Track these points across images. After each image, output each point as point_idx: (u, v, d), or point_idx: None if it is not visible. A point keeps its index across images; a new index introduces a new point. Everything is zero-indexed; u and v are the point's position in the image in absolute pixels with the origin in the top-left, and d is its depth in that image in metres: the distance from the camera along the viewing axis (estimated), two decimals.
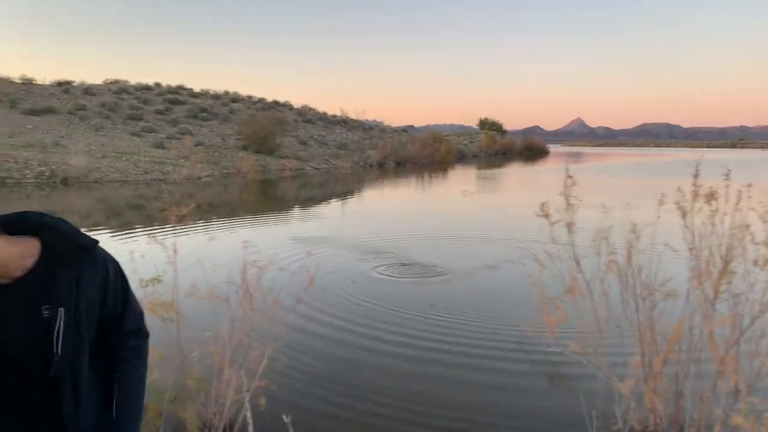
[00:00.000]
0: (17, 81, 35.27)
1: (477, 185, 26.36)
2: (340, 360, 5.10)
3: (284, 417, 1.45)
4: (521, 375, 4.86)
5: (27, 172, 20.16)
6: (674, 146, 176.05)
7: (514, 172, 38.24)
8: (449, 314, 6.38)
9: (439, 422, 4.03)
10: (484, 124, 79.56)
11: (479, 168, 40.36)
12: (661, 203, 3.50)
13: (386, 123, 56.53)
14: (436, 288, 7.56)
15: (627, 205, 5.07)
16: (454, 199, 19.39)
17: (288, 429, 1.45)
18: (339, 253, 9.59)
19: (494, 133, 69.43)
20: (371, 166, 36.41)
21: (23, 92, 32.67)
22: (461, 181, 29.73)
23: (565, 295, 3.57)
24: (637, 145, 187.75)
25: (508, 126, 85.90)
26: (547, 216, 3.72)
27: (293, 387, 4.41)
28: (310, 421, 3.89)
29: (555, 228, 3.70)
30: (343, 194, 21.84)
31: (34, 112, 29.29)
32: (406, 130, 57.78)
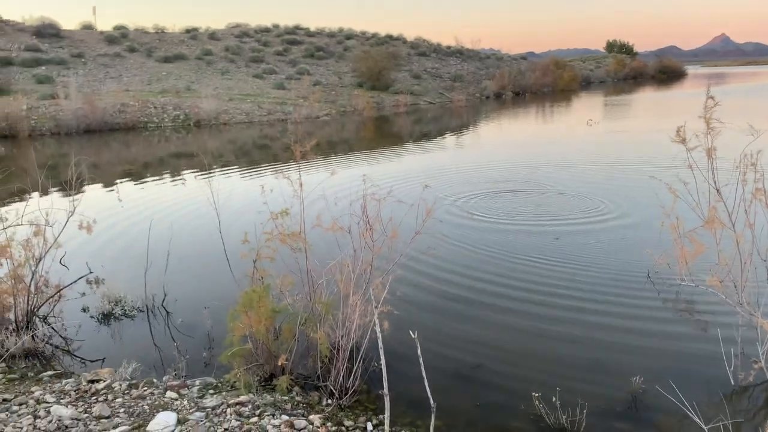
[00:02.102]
0: (151, 31, 37.71)
1: (603, 113, 24.67)
2: (457, 291, 5.17)
3: (411, 333, 1.51)
4: (652, 311, 4.65)
5: (165, 116, 21.85)
6: None
7: (646, 97, 35.27)
8: (574, 249, 6.19)
9: (572, 361, 4.00)
10: (611, 46, 73.31)
11: (606, 95, 37.62)
12: None
13: (504, 51, 54.04)
14: (560, 221, 7.33)
15: None
16: (578, 129, 18.36)
17: (416, 344, 1.51)
18: (456, 186, 9.55)
19: (623, 56, 63.94)
20: (488, 97, 35.30)
21: (157, 41, 34.96)
22: (586, 109, 27.97)
23: (704, 227, 3.31)
24: None
25: (639, 47, 78.67)
26: (683, 141, 3.42)
27: (412, 314, 4.56)
28: (432, 348, 4.01)
29: (692, 154, 3.40)
30: (459, 128, 21.48)
31: (167, 59, 31.35)
32: (525, 57, 54.73)
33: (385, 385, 1.57)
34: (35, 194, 8.48)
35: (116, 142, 17.96)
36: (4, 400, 3.30)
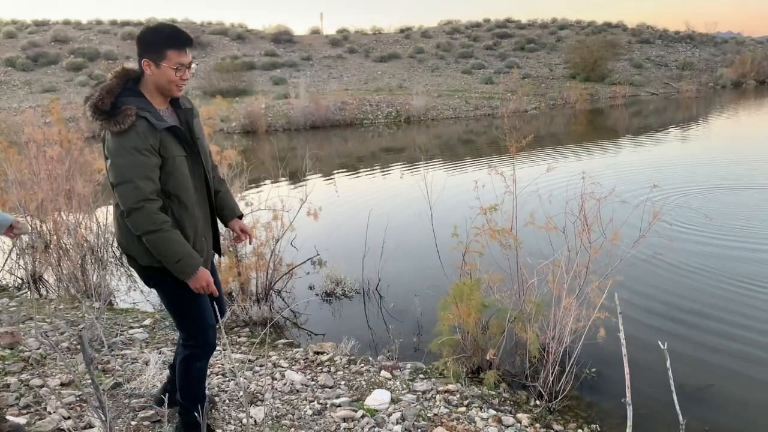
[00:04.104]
0: (369, 32, 40.33)
1: None
2: (685, 302, 4.68)
3: (660, 343, 1.40)
4: None
5: (378, 113, 23.23)
6: None
7: None
8: None
9: None
10: None
11: None
12: None
13: (745, 34, 47.20)
14: None
15: None
16: None
17: (665, 356, 1.41)
18: (688, 186, 8.61)
19: None
20: (723, 87, 31.14)
21: (374, 42, 37.28)
22: None
23: None
24: None
25: None
26: None
27: (631, 322, 4.24)
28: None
29: None
30: (686, 121, 19.31)
31: (382, 59, 33.28)
32: None
33: (628, 393, 1.49)
34: (269, 182, 9.65)
35: (336, 137, 19.62)
36: (249, 360, 3.83)
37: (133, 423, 2.86)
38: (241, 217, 2.81)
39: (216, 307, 2.54)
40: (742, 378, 3.58)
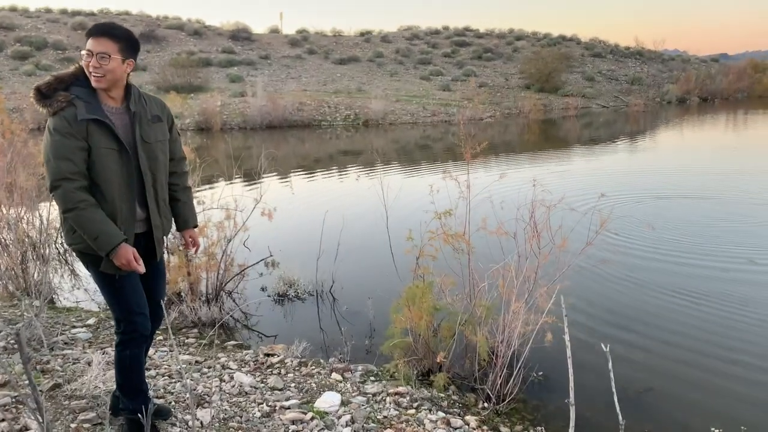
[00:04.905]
0: (329, 34, 40.26)
1: None
2: (628, 309, 4.85)
3: (603, 345, 1.45)
4: None
5: (337, 115, 23.21)
6: None
7: None
8: None
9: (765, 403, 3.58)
10: None
11: None
12: None
13: (690, 53, 49.27)
14: (757, 242, 6.54)
15: None
16: None
17: (608, 357, 1.45)
18: (635, 196, 8.92)
19: None
20: (669, 102, 32.48)
21: (334, 43, 37.25)
22: None
23: None
24: None
25: None
26: None
27: (576, 327, 4.36)
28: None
29: None
30: (634, 134, 20.02)
31: (342, 61, 33.27)
32: (717, 59, 49.34)
33: (571, 394, 1.53)
34: (222, 181, 9.50)
35: (293, 138, 19.47)
36: (197, 362, 3.75)
37: (72, 425, 2.76)
38: (195, 227, 2.88)
39: (154, 308, 2.60)
40: (679, 381, 3.73)
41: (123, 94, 2.45)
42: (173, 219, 2.77)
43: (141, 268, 2.41)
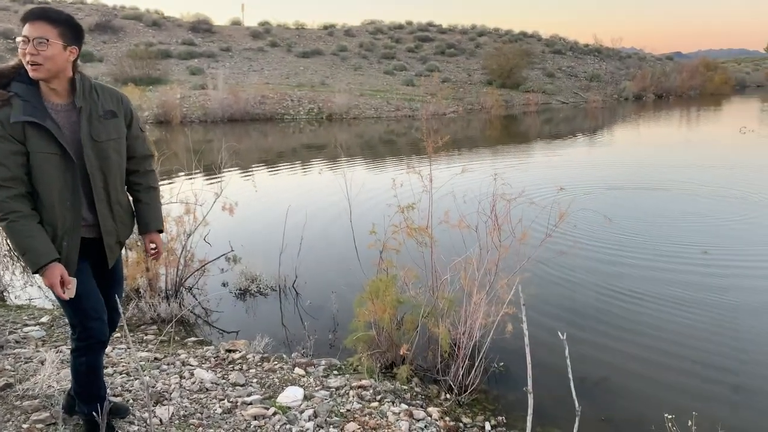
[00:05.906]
0: (292, 27, 39.83)
1: (761, 121, 22.31)
2: (587, 299, 4.97)
3: (560, 333, 1.48)
4: None
5: (300, 109, 23.01)
6: None
7: None
8: (726, 262, 5.71)
9: (715, 387, 3.72)
10: None
11: (765, 101, 33.95)
12: None
13: (647, 51, 50.58)
14: (710, 233, 6.78)
15: None
16: (731, 138, 16.77)
17: (564, 345, 1.48)
18: (592, 190, 9.13)
19: None
20: (626, 99, 33.31)
21: (297, 36, 36.86)
22: (739, 116, 25.46)
23: None
24: None
25: None
26: None
27: (535, 319, 4.45)
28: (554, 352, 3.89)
29: None
30: (593, 130, 20.48)
31: (305, 55, 32.97)
32: (671, 57, 50.81)
33: (529, 382, 1.56)
34: (182, 175, 9.32)
35: (255, 131, 19.23)
36: (156, 359, 3.68)
37: (24, 426, 2.68)
38: (160, 231, 2.69)
39: (110, 314, 2.48)
40: (633, 373, 3.83)
41: (68, 88, 2.23)
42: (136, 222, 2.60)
43: (66, 295, 2.21)
